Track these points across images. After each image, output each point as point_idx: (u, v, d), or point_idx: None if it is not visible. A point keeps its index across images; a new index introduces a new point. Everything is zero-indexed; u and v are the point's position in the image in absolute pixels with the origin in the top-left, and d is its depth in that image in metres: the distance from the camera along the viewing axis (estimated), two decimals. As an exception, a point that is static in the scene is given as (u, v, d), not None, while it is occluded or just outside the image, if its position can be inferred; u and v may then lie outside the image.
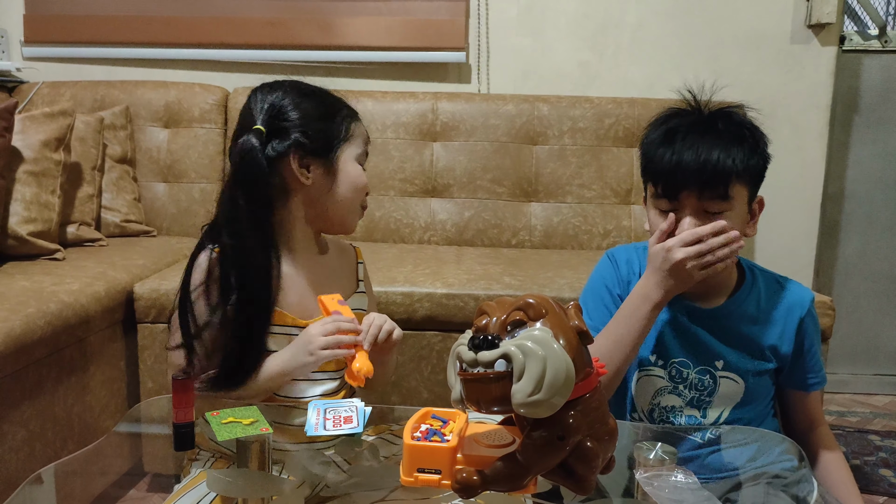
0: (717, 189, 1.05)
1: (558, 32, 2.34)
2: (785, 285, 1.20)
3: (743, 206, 1.09)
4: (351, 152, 1.13)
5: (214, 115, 2.26)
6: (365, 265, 1.26)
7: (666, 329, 1.19)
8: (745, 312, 1.16)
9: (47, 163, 1.83)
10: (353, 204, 1.14)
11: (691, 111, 1.13)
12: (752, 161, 1.07)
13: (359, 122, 1.15)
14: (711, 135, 1.06)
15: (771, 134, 2.35)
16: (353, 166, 1.12)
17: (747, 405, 1.18)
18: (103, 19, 2.37)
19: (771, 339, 1.16)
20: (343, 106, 1.15)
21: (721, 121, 1.10)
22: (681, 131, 1.08)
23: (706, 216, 1.07)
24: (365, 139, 1.16)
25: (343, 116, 1.13)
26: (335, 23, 2.34)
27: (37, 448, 1.40)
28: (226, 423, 0.87)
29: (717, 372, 1.17)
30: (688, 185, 1.06)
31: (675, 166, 1.06)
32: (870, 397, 2.47)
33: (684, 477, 0.79)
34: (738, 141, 1.07)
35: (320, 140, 1.10)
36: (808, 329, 1.18)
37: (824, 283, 2.50)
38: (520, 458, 0.70)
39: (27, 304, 1.41)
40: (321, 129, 1.10)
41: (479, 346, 0.68)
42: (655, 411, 1.20)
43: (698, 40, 2.31)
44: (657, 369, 1.20)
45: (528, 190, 2.23)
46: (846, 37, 2.37)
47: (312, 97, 1.13)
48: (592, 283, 1.28)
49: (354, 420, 0.92)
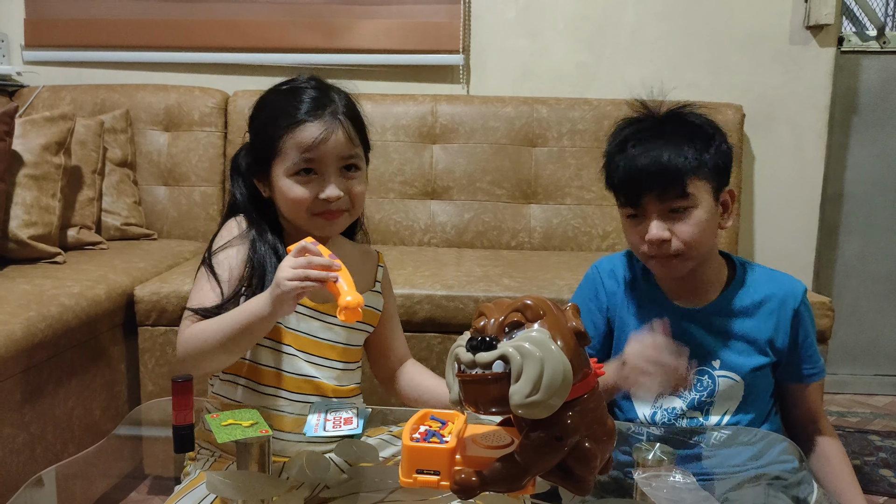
0: (675, 188, 1.07)
1: (556, 34, 2.34)
2: (776, 278, 1.20)
3: (709, 201, 1.10)
4: (281, 167, 1.07)
5: (215, 119, 2.27)
6: (386, 270, 1.26)
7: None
8: (737, 308, 1.17)
9: (48, 166, 1.84)
10: (296, 217, 1.09)
11: (643, 118, 1.15)
12: (706, 156, 1.09)
13: (299, 130, 1.05)
14: (662, 137, 1.09)
15: (769, 135, 2.38)
16: (284, 182, 1.07)
17: (749, 405, 1.18)
18: (104, 23, 2.38)
19: (766, 333, 1.16)
20: (284, 114, 1.07)
21: (670, 123, 1.12)
22: (632, 139, 1.11)
23: (671, 216, 1.08)
24: (302, 148, 1.05)
25: (279, 129, 1.07)
26: (334, 26, 2.35)
27: (37, 451, 1.40)
28: (225, 426, 0.87)
29: (714, 371, 1.17)
30: (646, 189, 1.08)
31: (630, 173, 1.09)
32: (870, 398, 2.47)
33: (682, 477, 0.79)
34: (688, 138, 1.09)
35: (259, 156, 1.11)
36: (803, 320, 1.18)
37: (824, 285, 2.51)
38: (518, 458, 0.70)
39: (28, 308, 1.41)
40: (259, 145, 1.11)
41: (477, 348, 0.69)
42: (657, 414, 1.20)
43: (697, 41, 2.32)
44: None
45: (527, 192, 2.23)
46: (845, 38, 2.37)
47: (267, 107, 1.11)
48: (578, 296, 1.29)
49: (354, 421, 0.92)
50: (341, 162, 1.08)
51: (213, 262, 1.10)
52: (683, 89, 2.32)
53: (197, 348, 1.01)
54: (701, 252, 1.11)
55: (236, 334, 0.98)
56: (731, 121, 2.20)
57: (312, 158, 1.06)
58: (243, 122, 2.23)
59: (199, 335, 1.01)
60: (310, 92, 1.09)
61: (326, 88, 1.12)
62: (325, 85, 1.13)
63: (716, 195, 1.11)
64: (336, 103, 1.09)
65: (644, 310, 1.20)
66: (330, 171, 1.07)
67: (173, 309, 1.64)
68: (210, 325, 1.02)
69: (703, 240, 1.10)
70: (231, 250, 1.10)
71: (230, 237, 1.11)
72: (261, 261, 1.08)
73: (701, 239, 1.09)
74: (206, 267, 1.10)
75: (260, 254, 1.09)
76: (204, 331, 1.01)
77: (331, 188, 1.07)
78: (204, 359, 1.02)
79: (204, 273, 1.10)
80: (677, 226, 1.08)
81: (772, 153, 2.34)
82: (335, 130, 1.06)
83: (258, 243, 1.10)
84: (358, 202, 1.12)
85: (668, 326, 1.05)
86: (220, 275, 1.08)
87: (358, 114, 1.13)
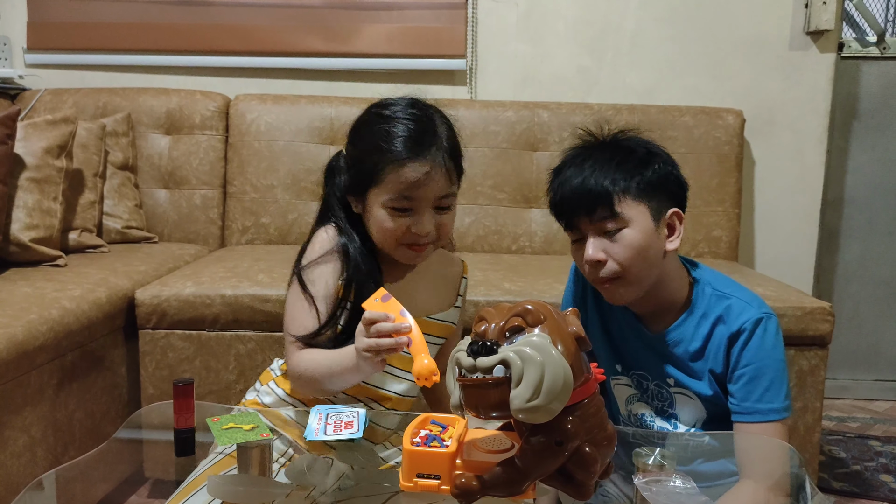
0: (603, 208, 1.06)
1: (557, 38, 2.35)
2: (728, 302, 1.12)
3: (645, 223, 1.07)
4: (378, 197, 1.08)
5: (216, 122, 2.27)
6: (467, 282, 1.27)
7: (625, 342, 1.20)
8: (683, 339, 1.13)
9: (49, 170, 1.84)
10: (385, 244, 1.11)
11: (585, 144, 1.15)
12: (637, 177, 1.07)
13: (401, 167, 1.05)
14: (592, 159, 1.09)
15: (770, 140, 2.38)
16: (378, 211, 1.08)
17: (717, 421, 1.14)
18: (106, 26, 2.38)
19: (707, 363, 1.12)
20: (388, 146, 1.06)
21: (605, 147, 1.12)
22: (569, 163, 1.12)
23: (606, 238, 1.08)
24: (403, 186, 1.05)
25: (382, 161, 1.06)
26: (336, 30, 2.35)
27: (38, 454, 1.40)
28: (226, 429, 0.87)
29: (670, 388, 1.16)
30: (576, 209, 1.09)
31: (563, 194, 1.10)
32: (870, 403, 2.47)
33: (683, 482, 0.79)
34: (619, 161, 1.08)
35: (357, 178, 1.11)
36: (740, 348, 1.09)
37: (824, 289, 2.51)
38: (518, 463, 0.70)
39: (29, 311, 1.41)
40: (360, 167, 1.11)
41: (478, 352, 0.69)
42: (631, 417, 1.21)
43: (698, 46, 2.32)
44: (624, 378, 1.21)
45: (528, 196, 2.23)
46: (845, 43, 2.38)
47: (370, 131, 1.11)
48: (564, 298, 1.31)
49: (355, 425, 0.92)
50: (438, 202, 1.09)
51: (305, 278, 1.11)
52: (684, 94, 2.32)
53: (308, 377, 1.09)
54: (641, 275, 1.08)
55: (336, 376, 1.05)
56: (731, 126, 2.20)
57: (411, 197, 1.07)
58: (245, 125, 2.26)
59: (308, 366, 1.08)
60: (415, 123, 1.08)
61: (431, 119, 1.10)
62: (429, 114, 1.11)
63: (655, 216, 1.08)
64: (440, 137, 1.09)
65: (609, 318, 1.21)
66: (425, 209, 1.08)
67: (174, 312, 1.65)
68: (316, 358, 1.07)
69: (640, 262, 1.07)
70: (325, 267, 1.11)
71: (322, 250, 1.12)
72: (355, 275, 1.10)
73: (637, 260, 1.06)
74: (300, 285, 1.11)
75: (354, 268, 1.11)
76: (312, 362, 1.07)
77: (423, 225, 1.08)
78: (314, 386, 1.10)
79: (299, 292, 1.11)
80: (611, 247, 1.07)
81: (772, 158, 2.34)
82: (437, 172, 1.07)
83: (351, 255, 1.11)
84: (445, 234, 1.13)
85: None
86: (316, 293, 1.10)
87: (457, 145, 1.13)
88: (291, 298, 1.13)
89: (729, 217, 2.20)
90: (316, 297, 1.10)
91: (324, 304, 1.10)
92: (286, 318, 1.13)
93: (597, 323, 1.23)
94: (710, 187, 2.18)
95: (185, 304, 1.64)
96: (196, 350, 1.66)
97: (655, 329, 1.16)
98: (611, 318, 1.22)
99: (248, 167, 2.23)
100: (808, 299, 1.68)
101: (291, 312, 1.12)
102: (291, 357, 1.10)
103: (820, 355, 1.63)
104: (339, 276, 1.11)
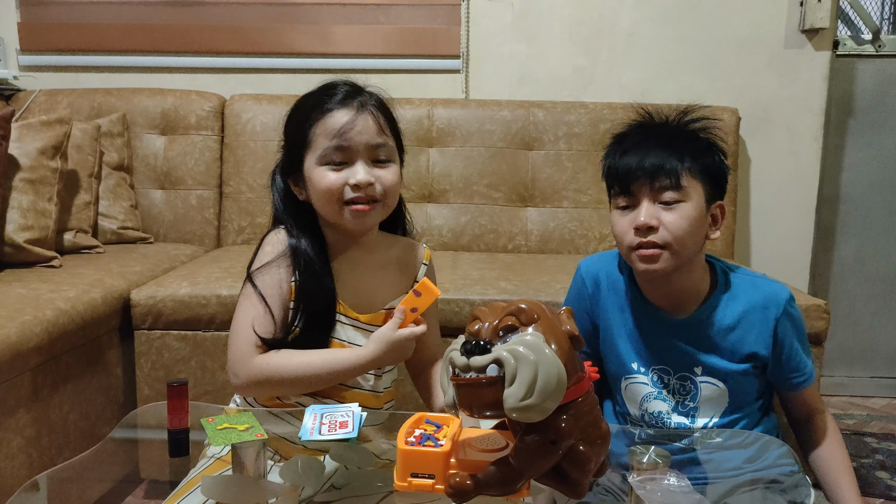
0: (670, 177, 1.08)
1: (553, 38, 2.35)
2: (759, 285, 1.17)
3: (700, 203, 1.10)
4: (312, 159, 1.08)
5: (211, 122, 2.27)
6: (432, 268, 1.25)
7: (644, 338, 1.20)
8: (718, 319, 1.15)
9: (44, 170, 1.84)
10: (329, 210, 1.10)
11: (647, 122, 1.19)
12: (705, 158, 1.11)
13: (327, 118, 1.07)
14: (661, 136, 1.13)
15: (765, 138, 2.39)
16: (315, 172, 1.08)
17: (736, 410, 1.17)
18: (99, 27, 2.37)
19: (748, 342, 1.15)
20: (315, 108, 1.09)
21: (671, 126, 1.16)
22: (632, 135, 1.15)
23: (662, 207, 1.09)
24: (331, 135, 1.07)
25: (309, 121, 1.09)
26: (331, 30, 2.35)
27: (33, 455, 1.39)
28: (221, 430, 0.87)
29: (696, 378, 1.17)
30: (640, 175, 1.09)
31: (628, 160, 1.11)
32: (867, 400, 2.47)
33: (677, 480, 0.80)
34: (689, 139, 1.13)
35: (292, 158, 1.12)
36: (786, 329, 1.15)
37: (820, 287, 2.51)
38: (513, 462, 0.70)
39: (23, 312, 1.41)
40: (291, 145, 1.12)
41: (472, 352, 0.69)
42: (645, 417, 1.20)
43: (693, 45, 2.32)
44: (640, 376, 1.20)
45: (524, 195, 2.23)
46: (840, 41, 2.38)
47: (300, 106, 1.13)
48: (568, 296, 1.31)
49: (350, 425, 0.92)
50: (371, 151, 1.08)
51: (258, 282, 1.10)
52: (679, 93, 2.32)
53: (276, 377, 1.07)
54: (685, 251, 1.10)
55: (323, 376, 1.06)
56: (727, 124, 2.20)
57: (341, 145, 1.07)
58: (240, 125, 2.26)
59: (280, 367, 1.06)
60: (343, 87, 1.11)
61: (360, 87, 1.13)
62: (358, 85, 1.14)
63: (707, 201, 1.11)
64: (366, 96, 1.11)
65: (628, 314, 1.21)
66: (359, 158, 1.08)
67: (169, 313, 1.64)
68: (293, 359, 1.06)
69: (690, 237, 1.09)
70: (277, 270, 1.10)
71: (273, 254, 1.11)
72: (305, 276, 1.10)
73: (688, 235, 1.09)
74: (254, 288, 1.10)
75: (304, 268, 1.10)
76: (287, 364, 1.06)
77: (360, 173, 1.07)
78: (274, 388, 1.09)
79: (253, 296, 1.10)
80: (667, 216, 1.09)
81: (768, 156, 2.34)
82: (364, 117, 1.08)
83: (301, 256, 1.10)
84: (391, 193, 1.11)
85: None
86: (270, 297, 1.09)
87: (390, 111, 1.14)
88: (245, 304, 1.11)
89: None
90: (270, 300, 1.09)
91: (279, 308, 1.09)
92: (236, 324, 1.10)
93: (618, 320, 1.22)
94: (705, 185, 2.18)
95: (181, 305, 1.64)
96: (192, 350, 1.66)
97: (679, 317, 1.17)
98: (629, 315, 1.21)
99: (244, 167, 2.23)
100: (804, 297, 1.68)
101: (245, 316, 1.09)
102: (250, 361, 1.07)
103: (815, 353, 1.63)
104: (290, 278, 1.10)
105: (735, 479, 1.08)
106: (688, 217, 1.08)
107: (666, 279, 1.14)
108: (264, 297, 1.09)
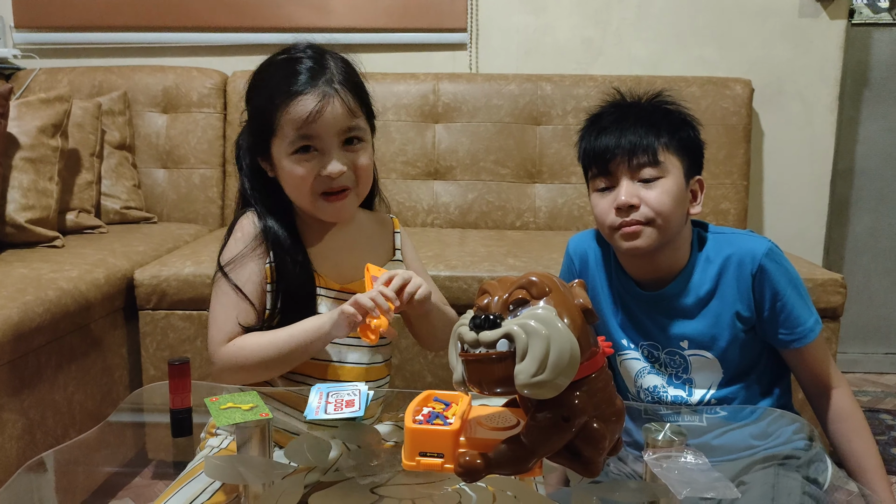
0: (647, 154, 1.08)
1: (560, 9, 2.29)
2: (735, 241, 1.13)
3: (679, 178, 1.10)
4: (281, 147, 1.04)
5: (213, 100, 2.23)
6: (404, 234, 1.23)
7: (629, 315, 1.18)
8: (695, 286, 1.13)
9: (44, 149, 1.81)
10: (302, 201, 1.06)
11: (620, 102, 1.18)
12: (681, 133, 1.11)
13: (292, 106, 1.01)
14: (637, 114, 1.12)
15: (779, 109, 2.34)
16: (285, 162, 1.04)
17: (733, 381, 1.14)
18: (97, 3, 2.33)
19: (727, 304, 1.11)
20: (278, 89, 1.02)
21: (642, 106, 1.15)
22: (607, 115, 1.14)
23: (641, 185, 1.09)
24: (298, 124, 1.01)
25: (274, 106, 1.02)
26: (333, 5, 2.31)
27: (37, 436, 1.39)
28: (225, 409, 0.85)
29: (684, 351, 1.14)
30: (618, 154, 1.09)
31: (604, 142, 1.11)
32: (881, 376, 2.44)
33: (694, 458, 0.77)
34: (664, 115, 1.12)
35: (258, 136, 1.07)
36: (766, 283, 1.10)
37: (834, 261, 2.47)
38: (524, 440, 0.68)
39: (25, 292, 1.39)
40: (257, 124, 1.07)
41: (481, 326, 0.66)
42: (641, 392, 1.19)
43: (704, 15, 2.26)
44: (632, 352, 1.19)
45: (531, 171, 2.20)
46: (855, 10, 2.32)
47: (262, 82, 1.07)
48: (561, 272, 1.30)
49: (356, 404, 0.90)
50: (342, 135, 1.04)
51: (232, 275, 1.06)
52: (690, 64, 2.27)
53: (247, 361, 1.03)
54: (668, 226, 1.08)
55: (292, 350, 1.02)
56: (739, 96, 2.15)
57: (310, 135, 1.02)
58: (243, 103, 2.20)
59: (249, 349, 1.03)
60: (305, 62, 1.05)
61: (322, 56, 1.07)
62: (320, 52, 1.08)
63: (686, 176, 1.11)
64: (332, 71, 1.05)
65: (612, 290, 1.20)
66: (330, 146, 1.03)
67: (174, 292, 1.62)
68: (260, 340, 1.03)
69: (672, 212, 1.08)
70: (250, 258, 1.07)
71: (245, 241, 1.08)
72: (279, 256, 1.07)
73: (669, 210, 1.07)
74: (228, 280, 1.06)
75: (276, 248, 1.07)
76: (255, 345, 1.03)
77: (332, 164, 1.03)
78: (249, 372, 1.04)
79: (227, 286, 1.06)
80: (647, 193, 1.08)
81: (781, 128, 2.30)
82: (331, 102, 1.02)
83: (272, 237, 1.07)
84: (363, 177, 1.08)
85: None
86: (244, 285, 1.06)
87: (357, 80, 1.08)
88: (219, 295, 1.07)
89: (737, 189, 2.16)
90: (244, 288, 1.05)
91: (255, 298, 1.06)
92: (210, 316, 1.08)
93: (607, 297, 1.20)
94: (717, 159, 2.14)
95: (185, 284, 1.62)
96: (197, 330, 1.64)
97: (654, 290, 1.15)
98: (616, 291, 1.19)
99: (247, 145, 2.20)
100: (820, 271, 1.65)
101: (221, 309, 1.06)
102: (220, 350, 1.05)
103: (832, 328, 1.60)
104: (264, 261, 1.07)
105: (750, 456, 1.06)
106: (668, 192, 1.08)
107: (650, 258, 1.12)
108: (239, 289, 1.06)
